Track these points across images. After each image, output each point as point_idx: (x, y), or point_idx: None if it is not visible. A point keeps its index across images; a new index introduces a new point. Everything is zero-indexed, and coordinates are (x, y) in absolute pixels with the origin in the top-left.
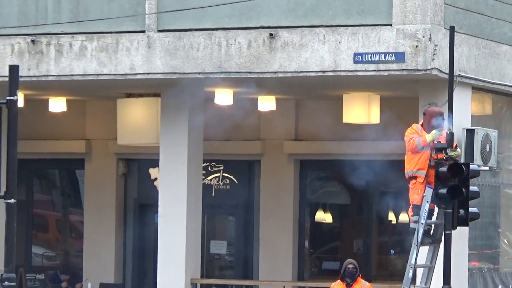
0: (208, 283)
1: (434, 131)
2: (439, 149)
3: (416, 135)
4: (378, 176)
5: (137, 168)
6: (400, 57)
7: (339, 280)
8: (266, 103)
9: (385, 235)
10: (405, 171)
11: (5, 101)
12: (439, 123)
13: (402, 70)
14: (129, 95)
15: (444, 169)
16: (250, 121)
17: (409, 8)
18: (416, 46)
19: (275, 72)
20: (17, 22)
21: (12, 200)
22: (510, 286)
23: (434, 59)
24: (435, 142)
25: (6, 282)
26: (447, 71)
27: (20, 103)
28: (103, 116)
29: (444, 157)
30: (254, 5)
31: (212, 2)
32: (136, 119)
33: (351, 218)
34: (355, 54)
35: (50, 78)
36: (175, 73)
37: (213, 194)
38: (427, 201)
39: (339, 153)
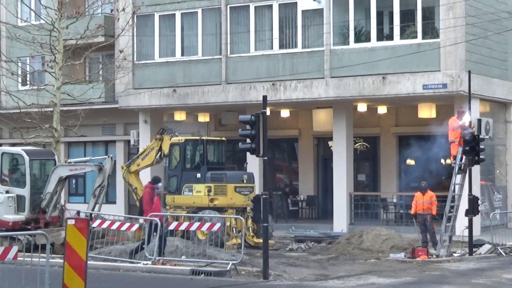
0: (357, 194)
1: (462, 120)
2: (465, 128)
3: (454, 121)
4: (436, 142)
5: (322, 142)
6: (445, 86)
7: (418, 191)
8: (382, 109)
9: (440, 170)
10: (449, 139)
11: (261, 112)
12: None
13: (446, 92)
14: (318, 107)
15: (467, 137)
16: (374, 117)
17: (449, 62)
18: (452, 80)
19: (386, 95)
20: (265, 75)
21: (265, 158)
22: (501, 192)
23: (461, 86)
24: (464, 125)
25: (263, 196)
26: (467, 92)
27: (268, 113)
28: (306, 117)
29: (468, 132)
30: (375, 63)
31: (353, 62)
32: (322, 119)
33: (423, 161)
34: (423, 85)
35: (281, 101)
36: (338, 97)
37: (358, 152)
38: (459, 153)
39: (417, 132)
